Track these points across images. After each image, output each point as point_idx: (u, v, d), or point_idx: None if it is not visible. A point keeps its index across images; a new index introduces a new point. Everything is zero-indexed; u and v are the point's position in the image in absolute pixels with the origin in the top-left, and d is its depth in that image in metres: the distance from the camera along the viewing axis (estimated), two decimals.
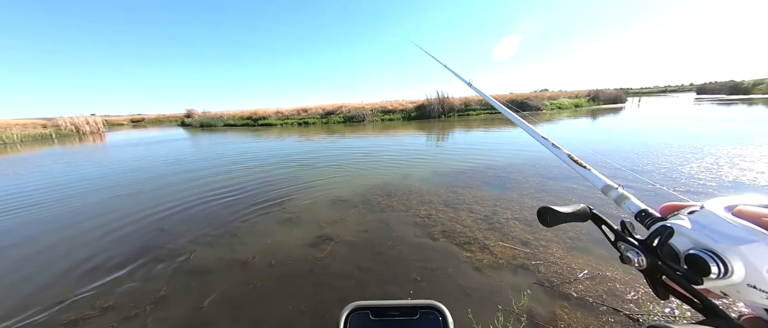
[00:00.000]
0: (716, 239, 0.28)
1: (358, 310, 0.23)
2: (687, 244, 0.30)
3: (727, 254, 0.27)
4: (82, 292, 2.53)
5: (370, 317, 0.22)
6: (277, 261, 2.84)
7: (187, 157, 9.65)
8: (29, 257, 3.24)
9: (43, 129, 23.82)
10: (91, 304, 2.37)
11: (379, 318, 0.22)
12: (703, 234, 0.29)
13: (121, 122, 45.73)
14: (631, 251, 0.34)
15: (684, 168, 5.18)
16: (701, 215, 0.31)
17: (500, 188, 4.70)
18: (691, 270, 0.29)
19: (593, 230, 2.96)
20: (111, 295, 2.47)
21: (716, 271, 0.27)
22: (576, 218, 0.42)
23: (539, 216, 0.41)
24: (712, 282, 0.28)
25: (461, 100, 24.30)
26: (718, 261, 0.27)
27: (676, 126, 10.67)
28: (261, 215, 4.11)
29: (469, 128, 14.39)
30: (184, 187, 5.84)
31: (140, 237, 3.59)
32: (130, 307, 2.31)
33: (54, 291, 2.56)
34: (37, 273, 2.88)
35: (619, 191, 0.43)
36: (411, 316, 0.23)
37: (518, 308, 2.02)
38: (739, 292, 0.27)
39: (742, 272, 0.26)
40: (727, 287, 0.28)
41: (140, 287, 2.57)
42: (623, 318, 1.91)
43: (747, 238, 0.26)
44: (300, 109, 27.45)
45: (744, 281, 0.26)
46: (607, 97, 29.22)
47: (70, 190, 6.07)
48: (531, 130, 0.63)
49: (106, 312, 2.27)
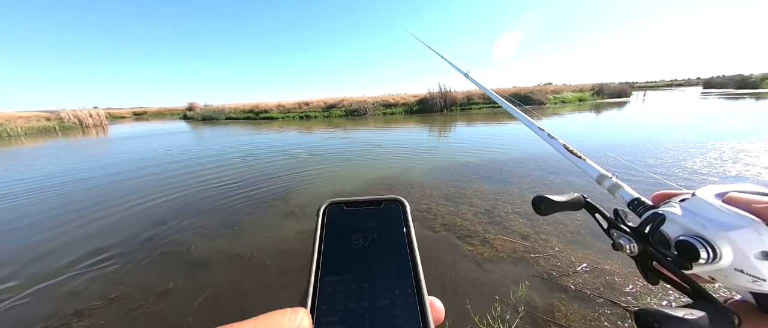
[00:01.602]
0: (706, 225, 0.28)
1: (334, 204, 0.28)
2: (678, 230, 0.30)
3: (716, 239, 0.27)
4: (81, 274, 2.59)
5: (343, 208, 0.27)
6: (279, 253, 2.88)
7: (192, 150, 9.69)
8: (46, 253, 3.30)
9: (47, 122, 23.95)
10: (99, 294, 2.43)
11: (351, 208, 0.27)
12: (693, 221, 0.29)
13: (124, 115, 45.80)
14: (623, 238, 0.34)
15: (687, 163, 5.14)
16: (692, 203, 0.31)
17: (501, 182, 4.69)
18: (681, 256, 0.29)
19: (593, 223, 2.95)
20: (113, 284, 2.53)
21: (705, 256, 0.27)
22: (570, 206, 0.43)
23: (534, 205, 0.42)
24: (701, 267, 0.28)
25: (464, 94, 24.09)
26: (708, 246, 0.27)
27: (681, 121, 10.55)
28: (265, 207, 4.14)
29: (471, 123, 14.30)
30: (187, 177, 5.89)
31: (143, 228, 3.64)
32: (135, 299, 2.36)
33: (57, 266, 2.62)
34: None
35: (613, 180, 0.43)
36: (377, 206, 0.27)
37: (516, 299, 2.05)
38: (726, 276, 0.28)
39: (730, 256, 0.27)
40: (715, 271, 0.28)
41: (142, 277, 2.62)
42: (620, 311, 1.93)
43: (736, 224, 0.27)
44: (301, 103, 27.37)
45: (731, 265, 0.27)
46: (612, 92, 28.86)
47: (84, 181, 6.13)
48: (528, 121, 0.63)
49: (111, 303, 2.32)
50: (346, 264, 0.25)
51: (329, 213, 0.27)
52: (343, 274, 0.24)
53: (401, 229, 0.27)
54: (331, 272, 0.24)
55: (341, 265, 0.25)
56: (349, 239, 0.26)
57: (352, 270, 0.24)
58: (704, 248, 0.27)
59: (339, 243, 0.26)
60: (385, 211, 0.27)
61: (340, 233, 0.26)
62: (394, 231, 0.27)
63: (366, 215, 0.27)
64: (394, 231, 0.27)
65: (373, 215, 0.27)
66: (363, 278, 0.24)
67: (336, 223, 0.27)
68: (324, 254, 0.25)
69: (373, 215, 0.27)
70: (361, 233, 0.26)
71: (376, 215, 0.27)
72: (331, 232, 0.27)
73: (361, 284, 0.23)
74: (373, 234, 0.26)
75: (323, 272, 0.24)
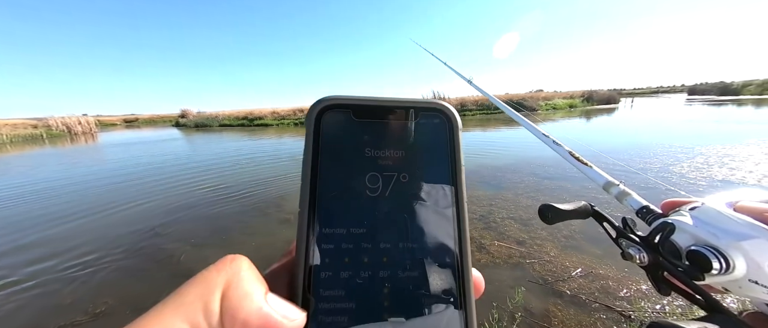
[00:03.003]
0: (718, 234, 0.28)
1: (333, 108, 0.17)
2: (688, 240, 0.30)
3: (729, 249, 0.26)
4: None
5: (352, 118, 0.17)
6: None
7: (186, 157, 9.55)
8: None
9: (34, 129, 23.39)
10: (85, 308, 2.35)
11: (365, 120, 0.17)
12: (704, 230, 0.29)
13: (114, 122, 45.08)
14: (632, 248, 0.33)
15: (675, 167, 5.26)
16: (702, 212, 0.30)
17: (496, 187, 4.73)
18: (692, 266, 0.28)
19: (587, 229, 2.99)
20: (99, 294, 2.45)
21: (718, 266, 0.26)
22: (577, 215, 0.42)
23: (540, 213, 0.41)
24: (713, 278, 0.28)
25: (457, 100, 24.41)
26: (720, 257, 0.27)
27: (668, 126, 10.84)
28: (260, 215, 4.09)
29: (465, 129, 14.42)
30: (180, 186, 5.79)
31: (136, 239, 3.56)
32: (122, 307, 2.29)
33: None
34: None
35: (621, 188, 0.43)
36: (407, 121, 0.18)
37: (513, 305, 2.05)
38: (740, 287, 0.27)
39: (743, 267, 0.26)
40: (728, 282, 0.28)
41: (132, 286, 2.55)
42: (615, 315, 1.94)
43: (748, 233, 0.26)
44: (296, 109, 27.33)
45: (746, 276, 0.26)
46: (601, 98, 29.56)
47: (72, 187, 5.97)
48: (532, 127, 0.62)
49: (97, 317, 2.25)
50: (358, 214, 0.17)
51: (327, 125, 0.17)
52: (352, 227, 0.16)
53: (445, 163, 0.19)
54: (332, 223, 0.16)
55: (349, 214, 0.17)
56: (362, 176, 0.17)
57: (364, 222, 0.17)
58: (717, 259, 0.27)
59: (345, 180, 0.17)
60: (423, 129, 0.19)
61: (346, 164, 0.17)
62: (433, 166, 0.19)
63: (389, 135, 0.18)
64: (434, 166, 0.19)
65: (401, 136, 0.18)
66: (381, 235, 0.17)
67: (339, 145, 0.17)
68: (321, 195, 0.17)
69: (402, 136, 0.19)
70: (379, 168, 0.18)
71: (406, 136, 0.19)
72: (331, 159, 0.17)
73: (378, 245, 0.16)
74: (400, 172, 0.18)
75: (322, 223, 0.16)
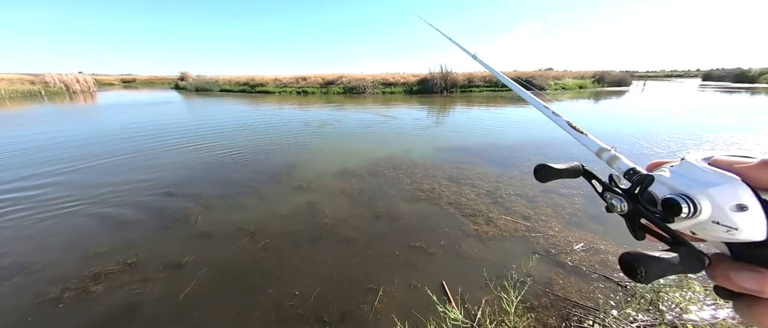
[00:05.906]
0: (690, 184, 0.32)
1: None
2: (665, 191, 0.34)
3: (697, 195, 0.30)
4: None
5: None
6: (292, 228, 2.98)
7: (192, 122, 9.52)
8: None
9: (32, 85, 22.94)
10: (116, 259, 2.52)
11: None
12: (680, 181, 0.33)
13: (112, 82, 44.01)
14: (615, 199, 0.37)
15: (681, 153, 5.29)
16: (680, 166, 0.35)
17: (502, 165, 4.81)
18: (665, 211, 0.32)
19: (590, 207, 3.11)
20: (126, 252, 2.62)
21: (687, 210, 0.30)
22: (569, 174, 0.46)
23: (535, 172, 0.45)
24: (682, 221, 0.31)
25: (465, 75, 23.70)
26: (689, 202, 0.30)
27: (677, 112, 10.70)
28: (274, 183, 4.20)
29: (471, 105, 14.24)
30: (193, 151, 5.86)
31: (152, 199, 3.69)
32: (148, 268, 2.46)
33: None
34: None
35: (612, 153, 0.45)
36: None
37: (521, 273, 2.21)
38: (704, 229, 0.31)
39: (709, 210, 0.30)
40: (695, 225, 0.31)
41: (156, 249, 2.72)
42: (613, 285, 2.11)
43: (715, 181, 0.30)
44: (299, 78, 26.64)
45: (709, 218, 0.30)
46: (612, 80, 28.74)
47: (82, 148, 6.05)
48: (533, 99, 0.65)
49: (128, 268, 2.42)
50: None
51: None
52: None
53: None
54: None
55: None
56: None
57: None
58: (686, 204, 0.30)
59: None
60: None
61: None
62: None
63: None
64: None
65: None
66: None
67: None
68: None
69: None
70: None
71: None
72: None
73: None
74: None
75: None
